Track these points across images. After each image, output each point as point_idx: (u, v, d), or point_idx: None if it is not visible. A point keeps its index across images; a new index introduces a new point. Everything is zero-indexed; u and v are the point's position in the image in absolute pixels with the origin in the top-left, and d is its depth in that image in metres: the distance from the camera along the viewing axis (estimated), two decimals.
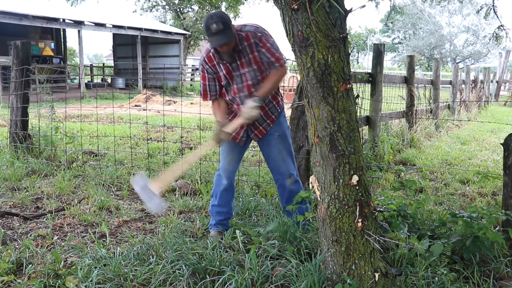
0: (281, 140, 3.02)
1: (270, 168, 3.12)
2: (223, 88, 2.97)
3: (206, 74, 2.92)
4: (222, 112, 2.99)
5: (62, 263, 2.63)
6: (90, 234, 3.14)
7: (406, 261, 2.48)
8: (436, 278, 2.32)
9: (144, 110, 11.35)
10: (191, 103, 14.27)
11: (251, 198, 3.74)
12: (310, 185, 2.42)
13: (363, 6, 2.23)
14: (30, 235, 3.15)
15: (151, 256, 2.66)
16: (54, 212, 3.62)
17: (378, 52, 5.68)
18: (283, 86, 6.06)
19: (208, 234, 3.14)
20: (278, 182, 3.10)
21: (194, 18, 28.43)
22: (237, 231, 2.85)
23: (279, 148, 3.02)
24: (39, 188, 4.27)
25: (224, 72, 2.89)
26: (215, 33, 2.64)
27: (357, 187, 2.21)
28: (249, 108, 2.78)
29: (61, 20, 17.95)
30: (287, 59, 3.00)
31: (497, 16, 4.01)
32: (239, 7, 28.58)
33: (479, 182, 4.77)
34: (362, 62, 59.42)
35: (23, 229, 3.29)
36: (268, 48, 2.79)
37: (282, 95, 3.18)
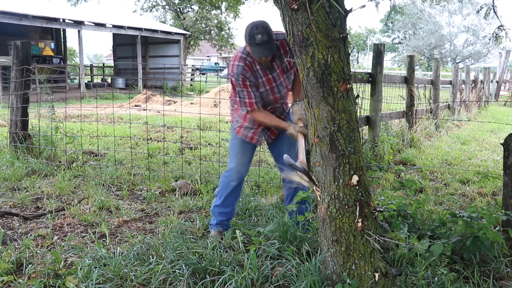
0: (290, 138, 3.03)
1: (280, 166, 3.14)
2: (261, 95, 2.95)
3: (247, 82, 2.86)
4: (272, 115, 2.98)
5: (62, 263, 2.63)
6: (90, 234, 3.14)
7: (406, 261, 2.48)
8: (436, 278, 2.32)
9: (144, 110, 11.35)
10: (191, 103, 14.27)
11: (251, 198, 3.74)
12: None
13: (363, 6, 2.23)
14: (30, 235, 3.15)
15: (151, 256, 2.66)
16: (54, 212, 3.62)
17: (378, 52, 5.68)
18: None
19: (208, 234, 3.14)
20: (285, 180, 3.13)
21: (194, 18, 28.45)
22: (237, 231, 2.85)
23: (288, 145, 3.06)
24: (39, 188, 4.27)
25: (264, 79, 2.91)
26: (259, 44, 2.66)
27: (357, 187, 2.21)
28: (304, 113, 2.82)
29: (61, 20, 17.95)
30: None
31: (497, 16, 4.01)
32: (239, 7, 28.57)
33: (479, 182, 4.77)
34: (362, 62, 59.44)
35: (23, 229, 3.29)
36: None
37: None
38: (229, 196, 3.11)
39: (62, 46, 23.20)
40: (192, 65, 31.48)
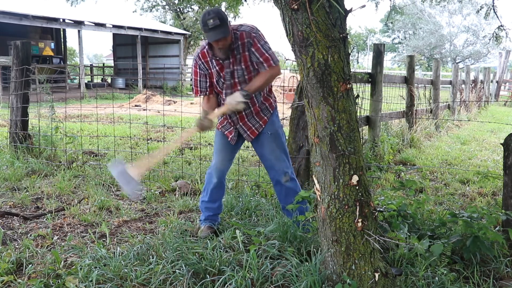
0: (274, 139, 3.06)
1: (265, 167, 3.16)
2: (216, 85, 3.01)
3: (198, 70, 2.99)
4: (209, 105, 3.06)
5: (62, 263, 2.63)
6: (90, 234, 3.14)
7: (406, 261, 2.48)
8: (436, 278, 2.32)
9: (144, 110, 11.35)
10: (191, 103, 14.27)
11: (251, 198, 3.74)
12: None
13: (363, 6, 2.23)
14: (30, 235, 3.15)
15: (151, 256, 2.66)
16: (54, 212, 3.62)
17: (378, 52, 5.68)
18: (283, 86, 6.06)
19: (199, 229, 3.18)
20: (273, 181, 3.15)
21: (194, 18, 28.43)
22: (237, 231, 2.85)
23: (272, 147, 3.06)
24: (39, 188, 4.27)
25: (217, 68, 2.95)
26: (211, 28, 2.70)
27: (357, 187, 2.21)
28: (234, 99, 2.84)
29: (61, 20, 17.95)
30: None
31: (497, 16, 4.01)
32: (239, 7, 28.56)
33: (479, 182, 4.77)
34: (362, 62, 59.43)
35: (23, 229, 3.29)
36: (258, 48, 2.84)
37: (275, 97, 3.23)
38: (213, 191, 3.18)
39: (62, 46, 23.19)
40: None
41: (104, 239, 3.10)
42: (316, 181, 2.34)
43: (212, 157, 3.22)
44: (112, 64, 27.98)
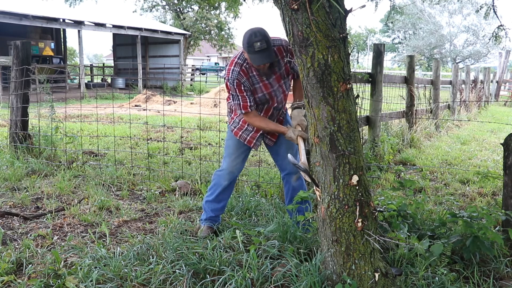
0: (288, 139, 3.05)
1: (279, 165, 3.17)
2: (257, 101, 2.98)
3: (242, 87, 2.88)
4: (269, 120, 3.04)
5: (62, 263, 2.63)
6: (90, 234, 3.14)
7: (406, 261, 2.48)
8: (436, 278, 2.32)
9: (144, 110, 11.35)
10: (191, 103, 14.27)
11: (251, 198, 3.74)
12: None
13: (363, 6, 2.23)
14: (30, 235, 3.15)
15: (151, 256, 2.66)
16: (54, 212, 3.62)
17: (378, 52, 5.68)
18: None
19: (199, 228, 3.17)
20: (284, 180, 3.17)
21: (194, 18, 28.44)
22: (237, 231, 2.85)
23: (288, 144, 3.08)
24: (39, 188, 4.27)
25: (261, 85, 2.93)
26: (258, 51, 2.67)
27: (357, 187, 2.21)
28: (303, 119, 2.89)
29: (61, 20, 17.95)
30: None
31: (497, 16, 4.01)
32: (239, 7, 28.56)
33: (479, 182, 4.77)
34: (362, 62, 59.44)
35: (23, 229, 3.29)
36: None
37: None
38: (220, 193, 3.17)
39: (62, 46, 23.19)
40: (192, 65, 31.46)
41: (104, 239, 3.10)
42: (317, 181, 2.34)
43: (223, 160, 3.18)
44: (112, 64, 27.98)
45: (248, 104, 2.90)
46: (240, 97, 2.89)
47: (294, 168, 3.05)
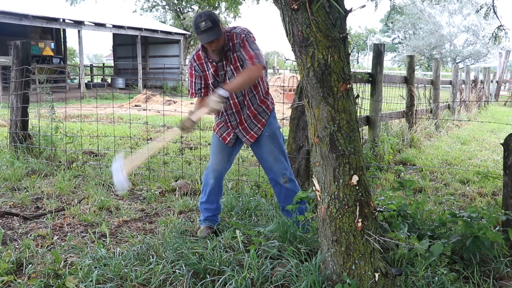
0: (272, 140, 3.07)
1: (264, 168, 3.17)
2: (211, 87, 3.00)
3: (193, 72, 3.01)
4: (200, 107, 3.04)
5: (62, 263, 2.63)
6: (90, 234, 3.14)
7: (406, 261, 2.48)
8: (436, 278, 2.32)
9: (144, 110, 11.35)
10: (191, 103, 14.24)
11: (251, 198, 3.74)
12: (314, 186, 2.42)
13: (363, 6, 2.23)
14: (30, 235, 3.15)
15: (151, 256, 2.66)
16: (54, 212, 3.62)
17: (378, 52, 5.68)
18: (283, 86, 6.06)
19: (199, 229, 3.18)
20: (273, 182, 3.15)
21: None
22: (237, 231, 2.85)
23: (270, 148, 3.06)
24: (39, 188, 4.27)
25: (211, 70, 2.96)
26: (203, 31, 2.72)
27: (357, 187, 2.21)
28: (213, 99, 2.75)
29: (61, 20, 17.95)
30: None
31: (497, 16, 4.01)
32: (239, 7, 28.57)
33: (479, 182, 4.77)
34: (362, 62, 59.43)
35: (23, 229, 3.29)
36: (245, 46, 2.86)
37: (273, 98, 3.22)
38: (211, 193, 3.18)
39: (62, 46, 23.19)
40: None
41: (104, 239, 3.10)
42: (316, 181, 2.34)
43: (209, 159, 3.23)
44: (112, 64, 27.98)
45: (194, 89, 3.03)
46: (189, 81, 3.06)
47: (280, 171, 3.06)
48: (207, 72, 2.98)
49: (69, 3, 15.47)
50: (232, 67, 2.92)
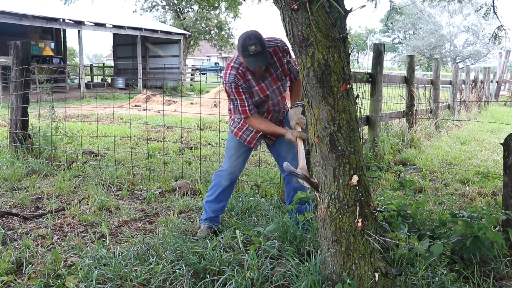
0: None
1: (280, 166, 3.17)
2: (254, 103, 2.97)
3: (241, 90, 2.87)
4: (269, 122, 3.02)
5: (62, 263, 2.63)
6: (90, 234, 3.14)
7: (406, 261, 2.48)
8: (436, 278, 2.32)
9: (144, 110, 11.35)
10: (191, 103, 14.27)
11: (251, 198, 3.75)
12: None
13: (363, 6, 2.23)
14: (30, 235, 3.15)
15: (151, 256, 2.66)
16: (54, 212, 3.62)
17: (378, 52, 5.68)
18: None
19: (199, 228, 3.17)
20: (285, 180, 3.16)
21: (194, 18, 28.44)
22: (237, 231, 2.85)
23: (288, 145, 3.07)
24: (39, 188, 4.27)
25: (257, 88, 2.92)
26: (253, 55, 2.66)
27: (357, 187, 2.21)
28: (301, 117, 2.86)
29: (61, 20, 17.95)
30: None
31: (497, 16, 4.01)
32: (239, 7, 28.57)
33: (479, 182, 4.77)
34: (362, 62, 59.44)
35: (23, 229, 3.29)
36: (294, 60, 2.82)
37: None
38: (221, 194, 3.17)
39: (62, 46, 23.19)
40: (192, 65, 31.47)
41: (104, 239, 3.10)
42: (316, 181, 2.34)
43: (224, 161, 3.18)
44: (112, 64, 27.98)
45: (247, 108, 2.90)
46: (239, 100, 2.89)
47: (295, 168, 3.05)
48: (252, 90, 2.92)
49: (67, 4, 15.43)
50: (284, 80, 2.96)
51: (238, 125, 3.08)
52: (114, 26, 19.84)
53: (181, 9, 29.99)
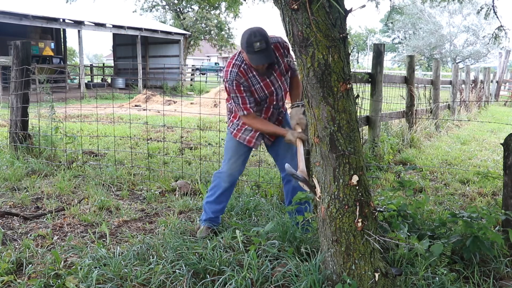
0: None
1: (279, 166, 3.17)
2: (258, 101, 2.96)
3: (242, 88, 2.85)
4: (269, 122, 3.02)
5: (62, 263, 2.63)
6: (90, 234, 3.14)
7: (406, 261, 2.48)
8: (436, 278, 2.32)
9: (144, 110, 11.35)
10: (191, 103, 14.27)
11: (251, 198, 3.75)
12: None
13: (363, 6, 2.23)
14: (30, 235, 3.15)
15: (151, 256, 2.66)
16: (54, 212, 3.62)
17: (378, 52, 5.68)
18: None
19: (198, 229, 3.17)
20: (285, 180, 3.16)
21: (194, 18, 28.45)
22: (237, 231, 2.85)
23: (287, 145, 3.07)
24: (39, 188, 4.27)
25: (261, 84, 2.91)
26: (258, 52, 2.64)
27: (357, 187, 2.21)
28: (302, 117, 2.86)
29: (61, 20, 17.95)
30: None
31: (497, 16, 4.01)
32: (239, 7, 28.56)
33: (479, 182, 4.77)
34: (362, 62, 59.44)
35: (23, 229, 3.29)
36: (292, 56, 2.84)
37: None
38: (221, 195, 3.16)
39: (62, 46, 23.19)
40: (192, 65, 31.47)
41: (104, 239, 3.10)
42: (316, 181, 2.34)
43: (223, 162, 3.17)
44: (112, 64, 27.98)
45: (248, 105, 2.89)
46: (240, 98, 2.88)
47: (294, 168, 3.04)
48: (255, 87, 2.90)
49: (69, 3, 15.43)
50: (286, 75, 2.96)
51: (238, 126, 3.08)
52: (114, 26, 19.83)
53: (181, 9, 30.00)
